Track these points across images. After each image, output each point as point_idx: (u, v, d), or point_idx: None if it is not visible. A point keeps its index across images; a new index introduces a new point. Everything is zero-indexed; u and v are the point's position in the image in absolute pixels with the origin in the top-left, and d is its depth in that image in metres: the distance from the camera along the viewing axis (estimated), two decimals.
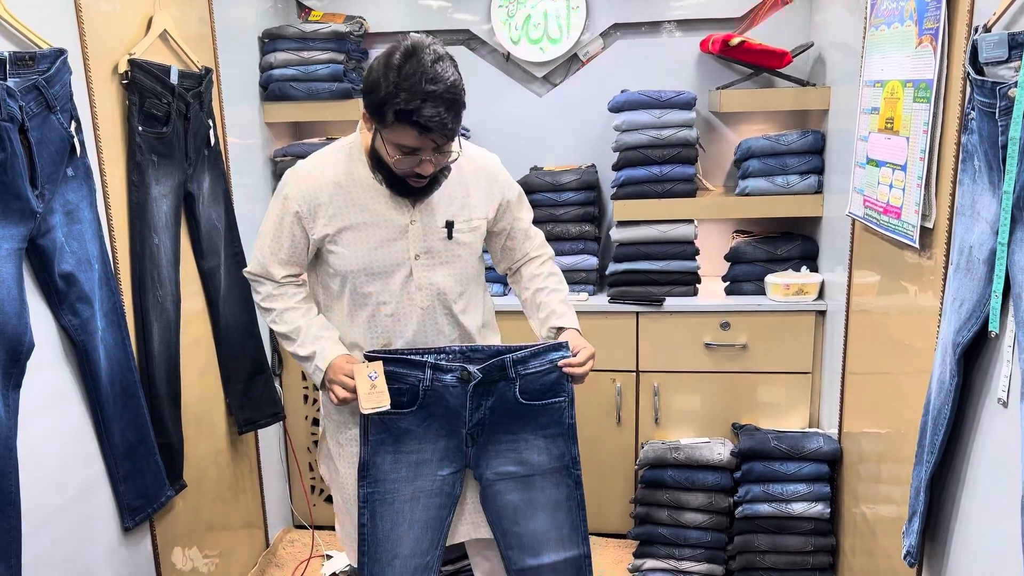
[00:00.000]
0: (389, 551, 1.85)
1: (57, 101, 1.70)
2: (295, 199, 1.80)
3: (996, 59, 1.46)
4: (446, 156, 1.71)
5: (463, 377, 1.78)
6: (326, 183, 1.79)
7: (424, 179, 1.72)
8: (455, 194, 1.84)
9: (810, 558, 2.58)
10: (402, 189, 1.76)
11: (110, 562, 2.00)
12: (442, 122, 1.60)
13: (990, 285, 1.48)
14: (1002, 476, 1.51)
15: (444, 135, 1.64)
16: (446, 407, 1.80)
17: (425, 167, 1.68)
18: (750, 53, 2.72)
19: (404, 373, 1.78)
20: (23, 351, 1.60)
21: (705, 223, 3.00)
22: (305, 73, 2.88)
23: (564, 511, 1.89)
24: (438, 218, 1.82)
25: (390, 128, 1.63)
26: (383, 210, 1.79)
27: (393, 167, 1.70)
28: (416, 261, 1.81)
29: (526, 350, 1.81)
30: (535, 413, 1.84)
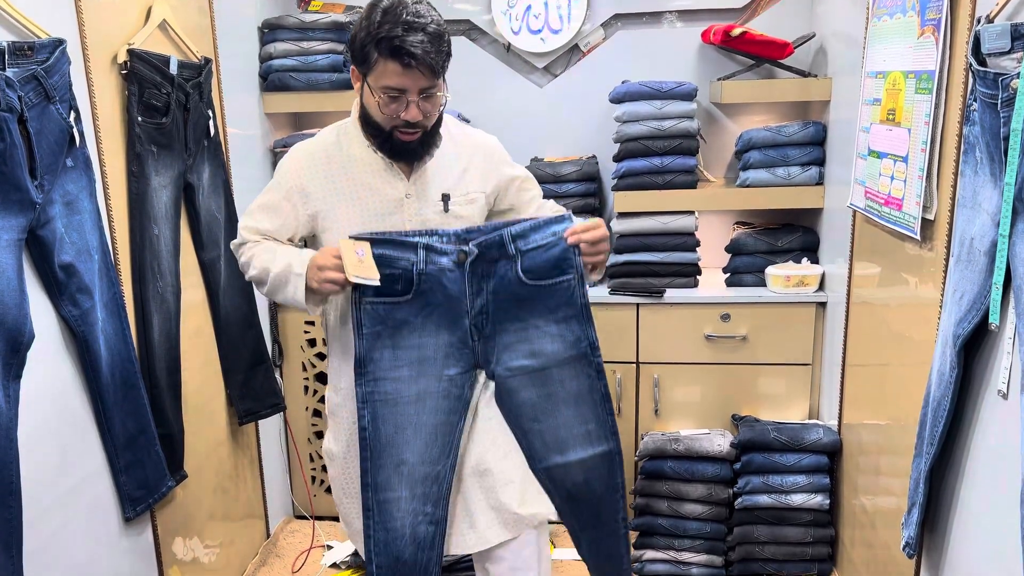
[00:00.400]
0: (394, 456, 1.72)
1: (56, 91, 1.70)
2: (289, 174, 1.79)
3: (998, 50, 1.45)
4: (434, 103, 1.68)
5: (459, 259, 1.67)
6: (319, 158, 1.78)
7: (413, 130, 1.68)
8: (451, 168, 1.81)
9: (809, 549, 2.59)
10: (393, 150, 1.72)
11: (111, 552, 2.01)
12: (425, 51, 1.57)
13: (991, 277, 1.48)
14: (1002, 468, 1.51)
15: (428, 67, 1.60)
16: (445, 293, 1.69)
17: (411, 112, 1.64)
18: (751, 44, 2.71)
19: (395, 256, 1.66)
20: (23, 342, 1.60)
21: (706, 214, 3.00)
22: (305, 63, 2.87)
23: (588, 404, 1.77)
24: (433, 191, 1.78)
25: (375, 69, 1.62)
26: (377, 184, 1.76)
27: (381, 116, 1.67)
28: None
29: (525, 223, 1.69)
30: (543, 294, 1.71)
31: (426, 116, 1.68)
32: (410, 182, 1.77)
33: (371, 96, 1.66)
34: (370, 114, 1.70)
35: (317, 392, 3.01)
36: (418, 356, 1.72)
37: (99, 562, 1.96)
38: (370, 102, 1.67)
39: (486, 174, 1.86)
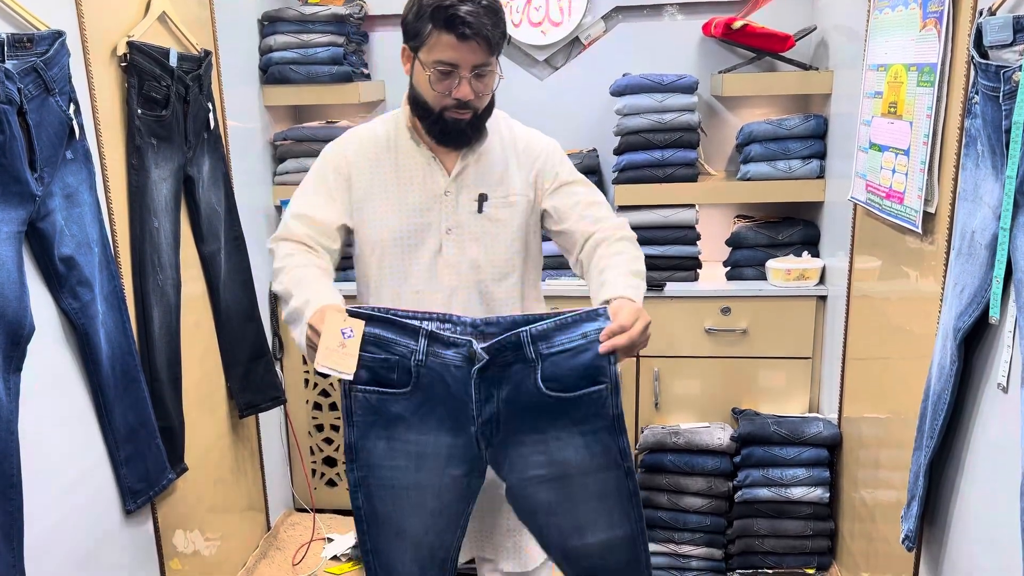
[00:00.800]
0: (393, 526, 1.57)
1: (55, 83, 1.69)
2: (333, 155, 1.72)
3: (1000, 42, 1.45)
4: (486, 83, 1.60)
5: (469, 355, 1.42)
6: (364, 143, 1.72)
7: (464, 111, 1.61)
8: (493, 168, 1.71)
9: (809, 542, 2.59)
10: (442, 132, 1.64)
11: (112, 544, 2.01)
12: (480, 23, 1.51)
13: (992, 270, 1.48)
14: (1001, 462, 1.51)
15: (484, 39, 1.53)
16: (447, 392, 1.46)
17: (463, 89, 1.57)
18: (752, 37, 2.70)
19: (392, 340, 1.43)
20: (24, 334, 1.60)
21: (706, 208, 2.99)
22: (305, 56, 2.86)
23: (613, 498, 1.53)
24: (472, 191, 1.70)
25: (427, 43, 1.55)
26: (418, 177, 1.69)
27: (431, 95, 1.59)
28: (447, 235, 1.69)
29: (549, 320, 1.41)
30: (567, 406, 1.44)
31: (478, 95, 1.60)
32: (450, 178, 1.69)
33: (422, 73, 1.59)
34: (419, 94, 1.63)
35: (318, 385, 3.01)
36: (416, 451, 1.51)
37: (100, 554, 1.96)
38: (420, 80, 1.61)
39: (530, 176, 1.74)
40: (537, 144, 1.77)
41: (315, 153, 2.89)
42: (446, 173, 1.69)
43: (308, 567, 2.81)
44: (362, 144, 1.73)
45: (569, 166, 1.79)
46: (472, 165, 1.70)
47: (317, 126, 2.96)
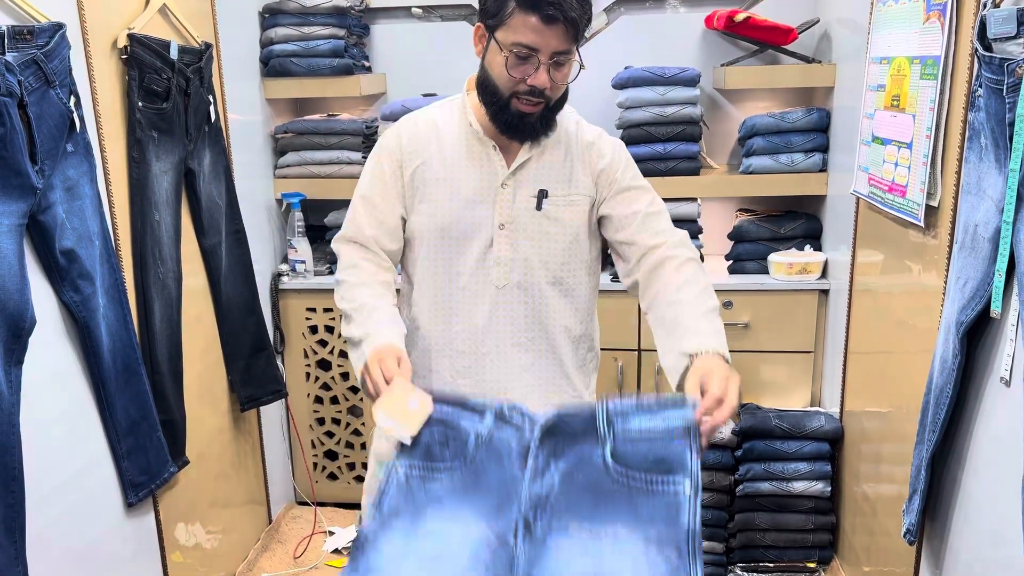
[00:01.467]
0: None
1: (56, 76, 1.69)
2: (390, 145, 1.64)
3: (1005, 35, 1.44)
4: (563, 73, 1.51)
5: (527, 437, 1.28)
6: (420, 128, 1.65)
7: (536, 102, 1.51)
8: (556, 165, 1.62)
9: (810, 536, 2.60)
10: (508, 122, 1.55)
11: (113, 537, 2.01)
12: (569, 4, 1.42)
13: (994, 264, 1.47)
14: (1003, 455, 1.51)
15: (571, 22, 1.44)
16: (499, 470, 1.28)
17: (540, 76, 1.47)
18: (755, 29, 2.69)
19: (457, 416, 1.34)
20: (25, 327, 1.60)
21: (708, 201, 2.99)
22: (306, 49, 2.86)
23: None
24: (532, 186, 1.61)
25: (508, 23, 1.46)
26: (473, 168, 1.60)
27: (504, 76, 1.49)
28: (500, 231, 1.60)
29: (629, 401, 1.26)
30: (634, 494, 1.21)
31: (554, 85, 1.51)
32: (510, 171, 1.60)
33: (497, 54, 1.49)
34: (491, 77, 1.53)
35: (319, 379, 3.01)
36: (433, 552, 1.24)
37: (101, 547, 1.96)
38: (494, 62, 1.51)
39: (595, 177, 1.65)
40: (604, 143, 1.67)
41: (316, 146, 2.92)
42: (506, 165, 1.61)
43: (309, 560, 2.81)
44: (417, 129, 1.65)
45: (634, 170, 1.68)
46: (535, 159, 1.61)
47: (318, 119, 2.96)
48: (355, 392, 3.00)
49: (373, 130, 2.95)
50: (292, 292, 2.93)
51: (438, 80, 2.98)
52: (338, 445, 3.07)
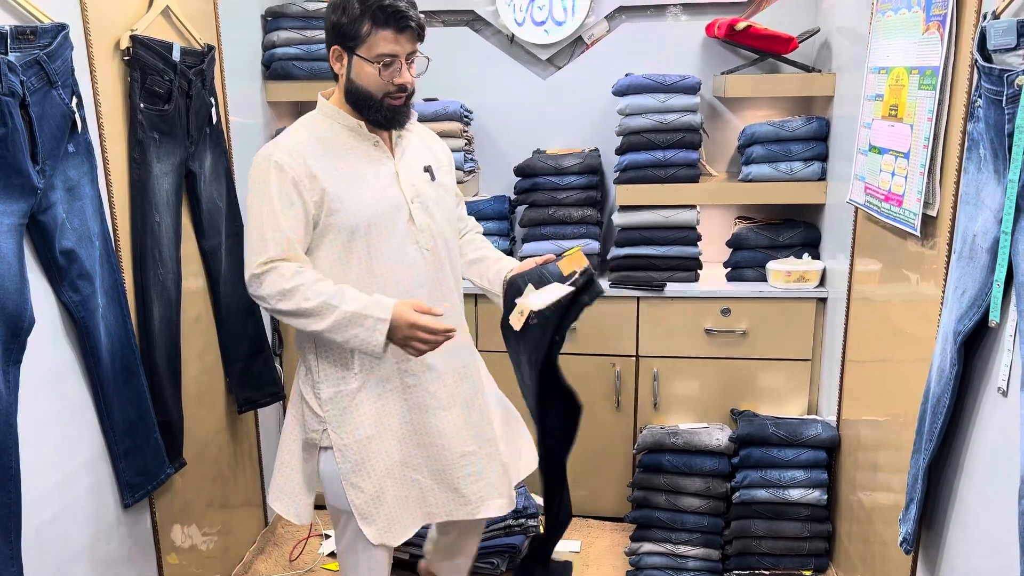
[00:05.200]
0: None
1: (58, 76, 1.69)
2: (288, 166, 1.75)
3: (1004, 46, 1.45)
4: (415, 65, 1.84)
5: None
6: (310, 143, 1.82)
7: (402, 94, 1.81)
8: (419, 147, 1.96)
9: (806, 544, 2.59)
10: (385, 117, 1.83)
11: (109, 538, 2.01)
12: (413, 14, 1.76)
13: (992, 274, 1.48)
14: (1000, 465, 1.51)
15: (419, 27, 1.78)
16: None
17: (405, 75, 1.79)
18: (756, 38, 2.70)
19: None
20: (24, 327, 1.60)
21: (707, 209, 2.99)
22: (308, 52, 2.86)
23: None
24: (416, 165, 1.92)
25: (367, 40, 1.75)
26: (368, 163, 1.85)
27: (376, 83, 1.78)
28: (412, 205, 1.87)
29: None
30: None
31: (413, 81, 1.83)
32: (395, 160, 1.89)
33: (364, 67, 1.77)
34: (361, 86, 1.79)
35: None
36: None
37: (97, 548, 1.96)
38: (363, 73, 1.78)
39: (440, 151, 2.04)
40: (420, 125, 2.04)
41: None
42: (391, 155, 1.89)
43: (305, 563, 2.81)
44: (304, 147, 1.80)
45: None
46: (406, 145, 1.93)
47: None
48: None
49: None
50: None
51: (438, 85, 2.99)
52: None
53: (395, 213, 1.84)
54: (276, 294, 1.73)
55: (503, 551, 2.67)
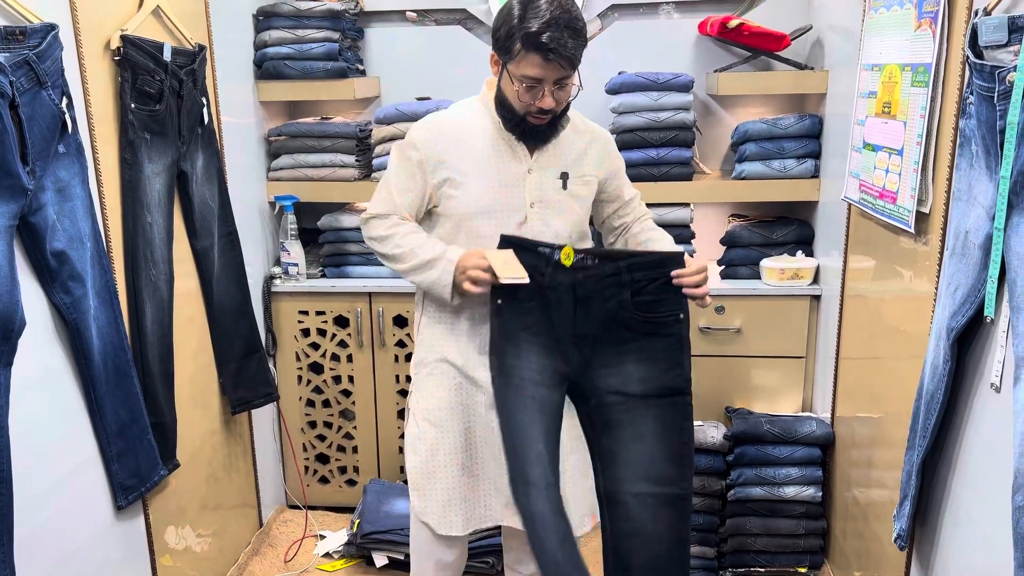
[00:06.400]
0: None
1: (48, 77, 1.68)
2: (418, 147, 1.86)
3: (996, 43, 1.45)
4: (566, 92, 1.79)
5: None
6: (449, 130, 1.88)
7: (545, 115, 1.80)
8: (570, 150, 1.92)
9: (801, 541, 2.60)
10: (523, 132, 1.84)
11: (103, 540, 2.00)
12: (564, 45, 1.69)
13: (985, 270, 1.48)
14: (994, 461, 1.51)
15: (567, 60, 1.71)
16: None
17: (546, 100, 1.76)
18: (748, 36, 2.70)
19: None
20: (14, 329, 1.59)
21: (701, 207, 2.99)
22: (300, 51, 2.85)
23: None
24: (553, 169, 1.90)
25: (516, 59, 1.73)
26: (502, 159, 1.87)
27: (516, 101, 1.78)
28: (531, 209, 1.87)
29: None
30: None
31: (558, 104, 1.79)
32: (532, 159, 1.88)
33: (509, 83, 1.78)
34: (506, 97, 1.81)
35: (311, 382, 3.00)
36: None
37: (91, 550, 1.95)
38: (508, 88, 1.80)
39: (600, 160, 1.97)
40: (602, 133, 2.02)
41: (309, 149, 2.92)
42: (528, 154, 1.88)
43: (300, 564, 2.80)
44: (443, 128, 1.89)
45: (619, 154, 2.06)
46: (551, 147, 1.89)
47: (312, 122, 2.96)
48: (347, 396, 3.00)
49: (367, 133, 2.94)
50: (284, 295, 2.93)
51: (432, 84, 2.98)
52: (329, 449, 3.06)
53: (510, 213, 1.86)
54: (375, 237, 1.92)
55: (499, 550, 2.67)
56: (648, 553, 1.78)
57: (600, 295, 1.77)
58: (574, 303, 1.77)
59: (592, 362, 1.80)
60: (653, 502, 1.77)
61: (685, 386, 1.80)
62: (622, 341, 1.79)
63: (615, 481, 1.79)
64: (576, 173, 1.92)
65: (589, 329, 1.79)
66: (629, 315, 1.78)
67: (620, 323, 1.78)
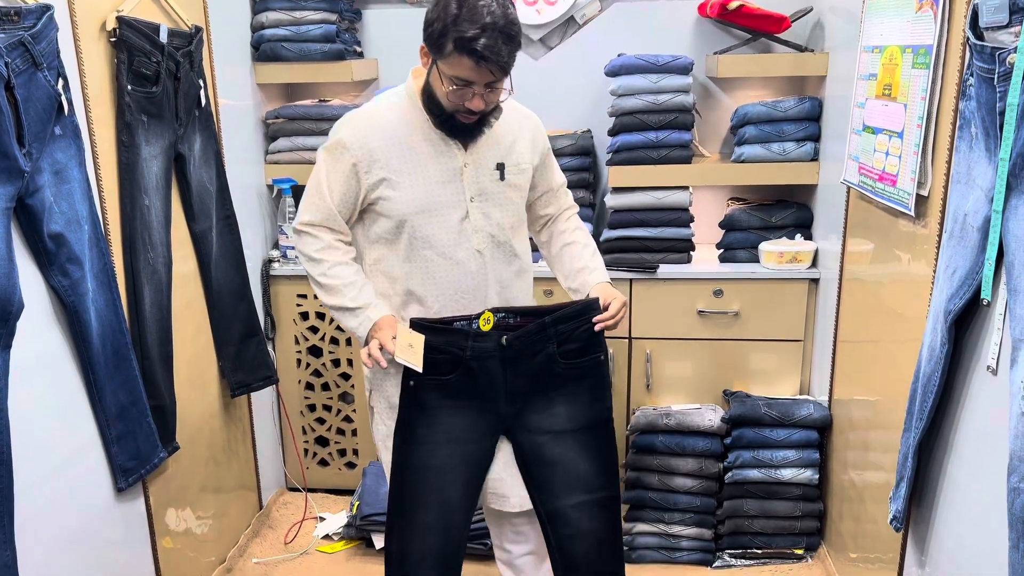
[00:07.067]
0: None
1: (44, 58, 1.67)
2: (350, 147, 1.81)
3: (996, 24, 1.44)
4: (496, 94, 1.75)
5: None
6: (380, 127, 1.83)
7: (473, 115, 1.76)
8: (502, 139, 1.88)
9: (798, 523, 2.61)
10: (452, 128, 1.80)
11: (103, 522, 2.01)
12: (498, 53, 1.65)
13: (983, 253, 1.48)
14: (989, 443, 1.52)
15: (499, 67, 1.68)
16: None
17: (476, 102, 1.72)
18: (748, 17, 2.69)
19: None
20: (12, 311, 1.59)
21: (700, 190, 2.99)
22: (297, 33, 2.84)
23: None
24: (488, 161, 1.87)
25: (447, 58, 1.68)
26: (436, 154, 1.83)
27: (445, 100, 1.74)
28: (471, 203, 1.85)
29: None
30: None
31: (488, 105, 1.75)
32: (467, 153, 1.85)
33: (439, 80, 1.73)
34: (434, 92, 1.76)
35: (310, 365, 3.01)
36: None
37: (91, 532, 1.96)
38: (437, 84, 1.75)
39: (533, 143, 1.96)
40: (530, 116, 1.98)
41: (307, 132, 2.91)
42: (463, 148, 1.84)
43: (300, 546, 2.82)
44: (374, 125, 1.83)
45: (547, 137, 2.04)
46: (484, 139, 1.85)
47: (309, 104, 2.94)
48: (346, 379, 3.00)
49: None
50: (283, 278, 2.93)
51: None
52: (329, 432, 3.07)
53: (450, 210, 1.84)
54: (305, 255, 1.89)
55: None
56: (589, 546, 1.93)
57: (528, 351, 1.84)
58: (502, 364, 1.83)
59: (523, 411, 1.88)
60: (588, 507, 1.91)
61: (608, 415, 1.93)
62: (551, 388, 1.88)
63: (552, 500, 1.90)
64: (511, 162, 1.90)
65: (520, 386, 1.86)
66: (557, 365, 1.86)
67: (548, 373, 1.87)
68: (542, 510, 1.91)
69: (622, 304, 1.88)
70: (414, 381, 1.82)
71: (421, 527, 1.87)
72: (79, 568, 1.92)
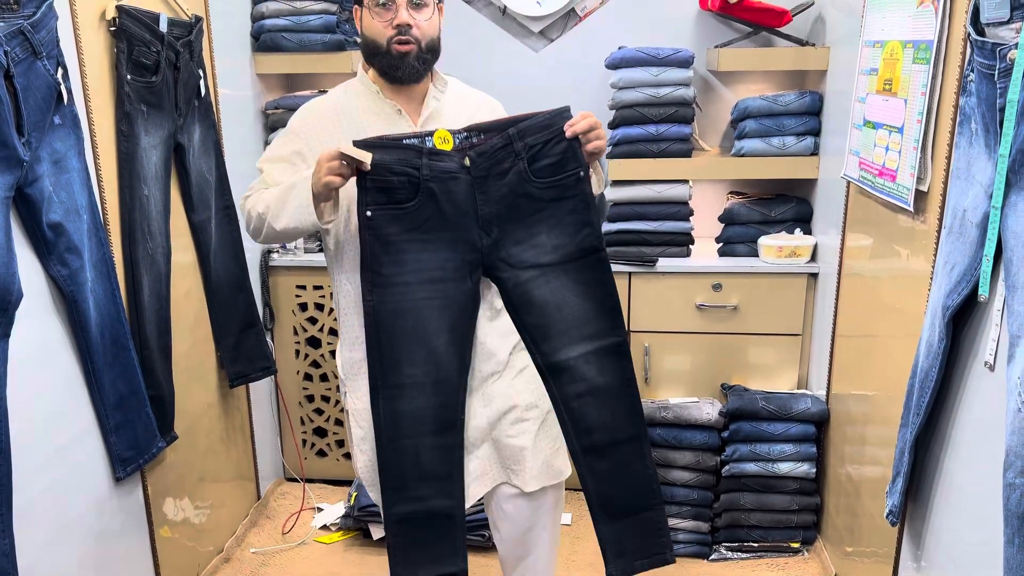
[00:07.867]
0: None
1: (43, 47, 1.67)
2: (299, 134, 1.85)
3: (997, 20, 1.44)
4: (422, 15, 1.77)
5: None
6: (330, 113, 1.86)
7: (407, 39, 1.76)
8: (456, 118, 1.85)
9: (795, 517, 2.62)
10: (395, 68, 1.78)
11: (101, 511, 2.02)
12: None
13: (982, 249, 1.48)
14: (986, 439, 1.52)
15: None
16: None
17: (401, 15, 1.74)
18: (749, 11, 2.68)
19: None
20: (11, 300, 1.59)
21: (700, 184, 2.99)
22: (297, 24, 2.83)
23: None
24: None
25: None
26: (387, 127, 1.81)
27: (376, 29, 1.77)
28: None
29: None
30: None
31: (417, 24, 1.76)
32: (418, 126, 1.84)
33: (369, 19, 1.78)
34: (368, 38, 1.80)
35: (308, 356, 3.01)
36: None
37: (89, 521, 1.97)
38: (368, 24, 1.79)
39: None
40: (488, 100, 1.98)
41: None
42: (413, 124, 1.84)
43: (298, 536, 2.82)
44: (323, 112, 1.86)
45: None
46: (435, 115, 1.86)
47: (309, 95, 2.94)
48: None
49: None
50: (282, 269, 2.93)
51: None
52: (327, 422, 3.08)
53: None
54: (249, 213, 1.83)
55: None
56: (603, 405, 1.78)
57: (496, 171, 1.69)
58: (470, 188, 1.69)
59: (501, 242, 1.73)
60: (595, 357, 1.76)
61: (598, 243, 1.74)
62: (529, 213, 1.72)
63: (552, 352, 1.75)
64: None
65: (492, 209, 1.71)
66: (530, 185, 1.70)
67: (523, 195, 1.70)
68: (542, 365, 1.77)
69: (590, 114, 1.70)
70: (371, 211, 1.67)
71: (410, 384, 1.73)
72: (77, 557, 1.92)
